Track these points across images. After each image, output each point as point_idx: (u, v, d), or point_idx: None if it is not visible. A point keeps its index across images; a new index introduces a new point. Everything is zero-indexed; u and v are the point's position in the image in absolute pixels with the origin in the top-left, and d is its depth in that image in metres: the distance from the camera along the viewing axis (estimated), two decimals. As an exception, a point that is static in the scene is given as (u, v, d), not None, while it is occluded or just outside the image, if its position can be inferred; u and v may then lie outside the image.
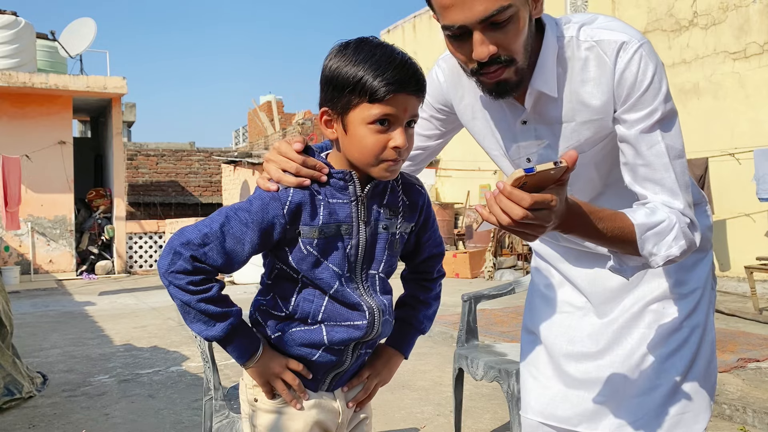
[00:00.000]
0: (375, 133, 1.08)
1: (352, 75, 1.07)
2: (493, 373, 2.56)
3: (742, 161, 7.37)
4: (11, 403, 3.66)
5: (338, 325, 1.14)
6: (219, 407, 2.07)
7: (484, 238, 10.17)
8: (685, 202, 1.17)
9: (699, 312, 1.34)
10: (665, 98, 1.16)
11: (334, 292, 1.14)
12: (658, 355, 1.31)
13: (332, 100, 1.11)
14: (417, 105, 1.11)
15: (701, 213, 1.38)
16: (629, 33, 1.18)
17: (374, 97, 1.06)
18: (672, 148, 1.17)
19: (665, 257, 1.13)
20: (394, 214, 1.20)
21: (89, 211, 13.25)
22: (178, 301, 1.10)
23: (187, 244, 1.07)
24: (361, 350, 1.21)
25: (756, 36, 7.42)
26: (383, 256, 1.19)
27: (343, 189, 1.14)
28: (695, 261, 1.36)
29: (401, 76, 1.06)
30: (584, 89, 1.21)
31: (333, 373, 1.21)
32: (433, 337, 5.46)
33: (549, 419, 1.39)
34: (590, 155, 1.26)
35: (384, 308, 1.19)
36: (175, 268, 1.07)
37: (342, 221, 1.13)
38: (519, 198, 0.96)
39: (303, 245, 1.12)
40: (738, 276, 7.38)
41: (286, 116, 17.56)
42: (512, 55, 1.14)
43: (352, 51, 1.08)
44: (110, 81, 12.11)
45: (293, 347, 1.16)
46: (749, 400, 3.26)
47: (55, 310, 7.86)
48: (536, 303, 1.51)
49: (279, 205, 1.10)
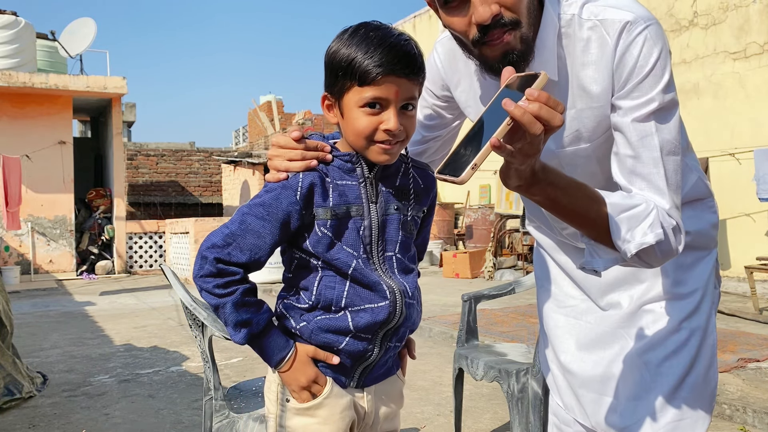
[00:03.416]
0: (366, 116, 1.08)
1: (345, 58, 1.06)
2: (493, 373, 2.56)
3: (742, 161, 7.37)
4: (11, 403, 3.66)
5: (362, 310, 1.13)
6: (219, 407, 2.07)
7: (484, 238, 10.17)
8: (672, 202, 1.07)
9: (700, 314, 1.26)
10: (666, 87, 1.07)
11: (353, 272, 1.13)
12: (654, 357, 1.25)
13: (330, 84, 1.11)
14: (411, 88, 1.08)
15: (706, 208, 1.31)
16: (636, 12, 1.08)
17: (364, 80, 1.05)
18: (666, 142, 1.07)
19: (639, 244, 1.03)
20: (406, 196, 1.19)
21: (89, 211, 13.25)
22: (211, 306, 1.12)
23: (212, 248, 1.09)
24: (389, 342, 1.18)
25: (756, 36, 7.42)
26: (398, 237, 1.18)
27: (351, 171, 1.14)
28: (696, 260, 1.29)
29: (390, 57, 1.05)
30: (585, 73, 1.12)
31: (362, 366, 1.18)
32: (433, 337, 5.46)
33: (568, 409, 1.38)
34: (592, 148, 1.19)
35: (405, 290, 1.16)
36: (203, 272, 1.09)
37: (352, 203, 1.13)
38: (555, 103, 0.89)
39: (318, 227, 1.12)
40: (738, 276, 7.37)
41: (286, 116, 17.55)
42: (516, 15, 1.06)
43: (348, 34, 1.08)
44: (110, 81, 12.11)
45: (319, 335, 1.14)
46: (749, 400, 3.26)
47: (55, 310, 7.86)
48: (540, 296, 1.48)
49: (291, 192, 1.10)
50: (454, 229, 11.85)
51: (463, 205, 12.02)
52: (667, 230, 1.05)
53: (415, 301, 1.20)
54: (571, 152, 1.21)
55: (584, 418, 1.34)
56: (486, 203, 11.20)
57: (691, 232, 1.26)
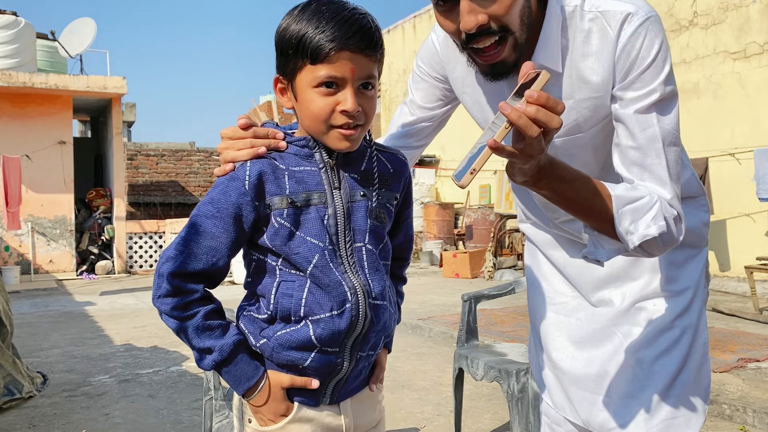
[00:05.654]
0: (322, 97, 0.99)
1: (295, 34, 0.98)
2: (493, 373, 2.56)
3: (742, 161, 7.36)
4: (11, 403, 3.66)
5: (322, 319, 1.03)
6: (219, 407, 2.07)
7: (484, 238, 10.17)
8: (673, 192, 1.09)
9: (691, 312, 1.27)
10: (666, 79, 1.08)
11: (313, 269, 1.03)
12: (647, 355, 1.25)
13: (281, 64, 1.03)
14: (369, 65, 1.00)
15: (698, 207, 1.32)
16: (637, 4, 1.09)
17: (316, 57, 0.97)
18: (668, 133, 1.09)
19: (642, 236, 1.04)
20: (372, 182, 1.10)
21: (89, 211, 13.24)
22: (173, 330, 1.03)
23: (166, 262, 1.01)
24: (360, 352, 1.09)
25: (756, 36, 7.42)
26: (366, 225, 1.08)
27: (309, 157, 1.06)
28: (687, 257, 1.29)
29: (344, 31, 0.96)
30: (585, 64, 1.13)
31: (333, 381, 1.10)
32: (433, 337, 5.46)
33: (557, 408, 1.37)
34: (588, 137, 1.20)
35: (370, 290, 1.06)
36: (160, 292, 1.01)
37: (312, 189, 1.04)
38: (554, 104, 0.90)
39: (274, 218, 1.03)
40: (738, 276, 7.37)
41: (286, 116, 17.55)
42: (506, 25, 1.06)
43: (299, 10, 1.00)
44: (110, 81, 12.11)
45: (281, 353, 1.05)
46: (749, 400, 3.26)
47: (55, 310, 7.85)
48: (531, 294, 1.48)
49: (239, 183, 1.02)
50: (454, 229, 11.84)
51: (463, 205, 12.02)
52: (669, 220, 1.07)
53: (386, 302, 1.09)
54: (567, 142, 1.22)
55: (575, 417, 1.34)
56: (486, 203, 11.20)
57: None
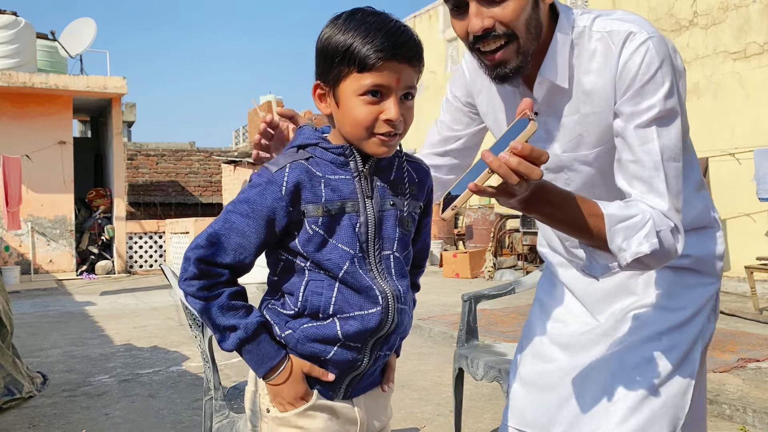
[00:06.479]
0: (366, 105, 1.02)
1: (342, 43, 1.01)
2: (493, 373, 2.56)
3: (742, 161, 7.36)
4: (11, 403, 3.66)
5: (351, 317, 1.06)
6: (219, 407, 2.07)
7: (484, 238, 10.17)
8: (671, 204, 1.10)
9: (684, 332, 1.24)
10: (667, 95, 1.11)
11: (344, 275, 1.06)
12: (628, 361, 1.22)
13: (323, 72, 1.06)
14: (412, 75, 1.04)
15: (710, 238, 1.31)
16: (641, 25, 1.14)
17: (364, 66, 1.00)
18: (667, 148, 1.11)
19: (635, 254, 1.06)
20: (401, 191, 1.13)
21: (89, 211, 13.25)
22: (197, 312, 1.07)
23: (195, 248, 1.05)
24: (379, 351, 1.12)
25: (756, 36, 7.42)
26: (395, 234, 1.11)
27: (344, 165, 1.08)
28: (696, 283, 1.28)
29: (392, 42, 1.00)
30: (588, 79, 1.18)
31: (350, 377, 1.12)
32: (433, 337, 5.46)
33: (520, 424, 1.33)
34: (593, 157, 1.22)
35: (399, 294, 1.10)
36: (187, 275, 1.05)
37: (347, 198, 1.07)
38: (539, 155, 0.93)
39: (308, 225, 1.06)
40: (738, 276, 7.37)
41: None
42: (511, 29, 1.10)
43: (343, 20, 1.04)
44: (110, 81, 12.11)
45: (305, 344, 1.08)
46: (749, 400, 3.26)
47: (55, 310, 7.85)
48: (533, 310, 1.50)
49: (276, 188, 1.05)
50: (454, 229, 11.85)
51: (463, 205, 12.02)
52: (663, 234, 1.08)
53: (407, 307, 1.14)
54: (572, 157, 1.25)
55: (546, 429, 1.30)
56: (486, 203, 11.20)
57: (692, 256, 1.28)
